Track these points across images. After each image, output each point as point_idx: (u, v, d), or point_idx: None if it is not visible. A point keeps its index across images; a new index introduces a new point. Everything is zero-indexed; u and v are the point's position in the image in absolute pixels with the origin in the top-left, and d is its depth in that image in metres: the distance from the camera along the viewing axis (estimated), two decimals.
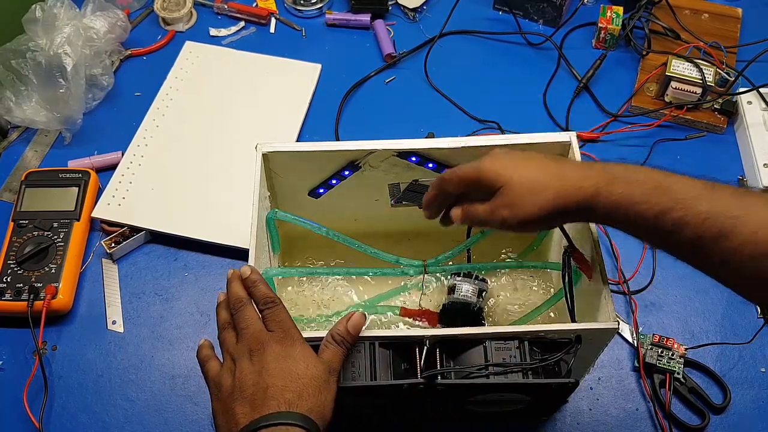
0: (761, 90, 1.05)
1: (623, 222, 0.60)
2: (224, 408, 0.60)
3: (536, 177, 0.62)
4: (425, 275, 0.80)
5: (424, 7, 1.24)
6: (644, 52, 1.15)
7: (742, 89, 1.06)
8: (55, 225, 0.95)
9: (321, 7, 1.23)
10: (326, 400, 0.60)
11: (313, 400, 0.59)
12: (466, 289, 0.82)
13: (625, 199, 0.59)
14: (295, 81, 1.14)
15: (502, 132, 1.07)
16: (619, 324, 0.67)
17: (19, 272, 0.91)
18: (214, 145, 1.06)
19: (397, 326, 0.86)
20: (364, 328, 0.66)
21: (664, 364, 0.85)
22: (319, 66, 1.16)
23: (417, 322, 0.85)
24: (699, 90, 1.05)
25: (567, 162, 0.63)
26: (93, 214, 0.98)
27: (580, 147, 0.79)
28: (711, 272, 0.59)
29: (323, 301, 0.90)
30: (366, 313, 0.68)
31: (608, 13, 1.15)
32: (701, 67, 1.06)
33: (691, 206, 0.56)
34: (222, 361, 0.64)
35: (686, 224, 0.56)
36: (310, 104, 1.12)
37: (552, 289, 0.90)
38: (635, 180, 0.59)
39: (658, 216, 0.57)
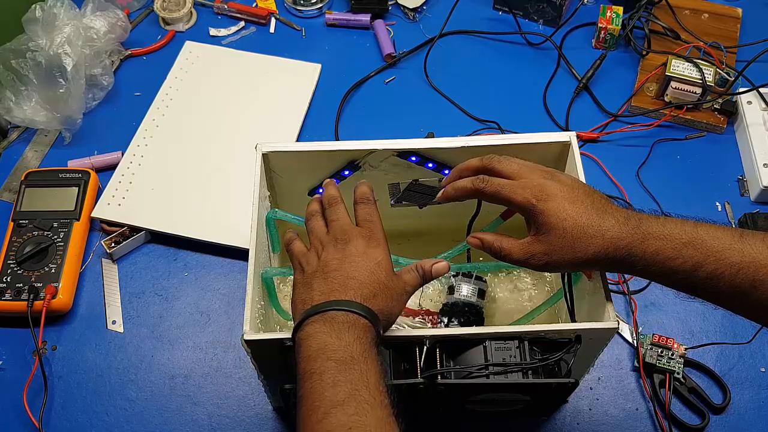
0: (761, 90, 1.05)
1: (659, 275, 0.61)
2: (306, 281, 0.65)
3: (581, 230, 0.61)
4: None
5: (424, 7, 1.24)
6: (644, 52, 1.15)
7: (742, 89, 1.06)
8: (55, 225, 0.95)
9: (321, 7, 1.23)
10: (395, 309, 0.65)
11: (385, 304, 0.63)
12: (466, 289, 0.82)
13: (659, 254, 0.60)
14: (295, 81, 1.14)
15: (502, 132, 1.07)
16: (619, 324, 0.67)
17: (19, 272, 0.91)
18: (214, 145, 1.06)
19: (398, 326, 0.86)
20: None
21: (664, 364, 0.85)
22: (319, 66, 1.16)
23: (417, 322, 0.85)
24: (699, 90, 1.05)
25: (607, 212, 0.62)
26: (93, 214, 0.98)
27: (579, 147, 0.79)
28: (751, 317, 0.61)
29: None
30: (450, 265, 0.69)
31: (608, 13, 1.15)
32: (701, 67, 1.06)
33: (722, 258, 0.58)
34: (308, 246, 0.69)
35: (720, 276, 0.58)
36: (310, 104, 1.12)
37: (552, 289, 0.90)
38: (668, 235, 0.60)
39: (691, 270, 0.59)
